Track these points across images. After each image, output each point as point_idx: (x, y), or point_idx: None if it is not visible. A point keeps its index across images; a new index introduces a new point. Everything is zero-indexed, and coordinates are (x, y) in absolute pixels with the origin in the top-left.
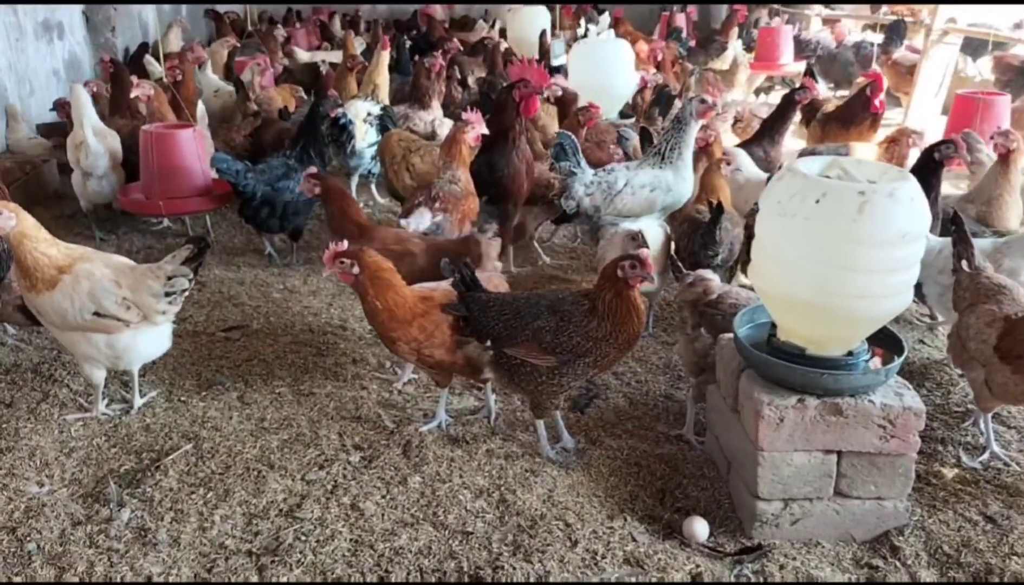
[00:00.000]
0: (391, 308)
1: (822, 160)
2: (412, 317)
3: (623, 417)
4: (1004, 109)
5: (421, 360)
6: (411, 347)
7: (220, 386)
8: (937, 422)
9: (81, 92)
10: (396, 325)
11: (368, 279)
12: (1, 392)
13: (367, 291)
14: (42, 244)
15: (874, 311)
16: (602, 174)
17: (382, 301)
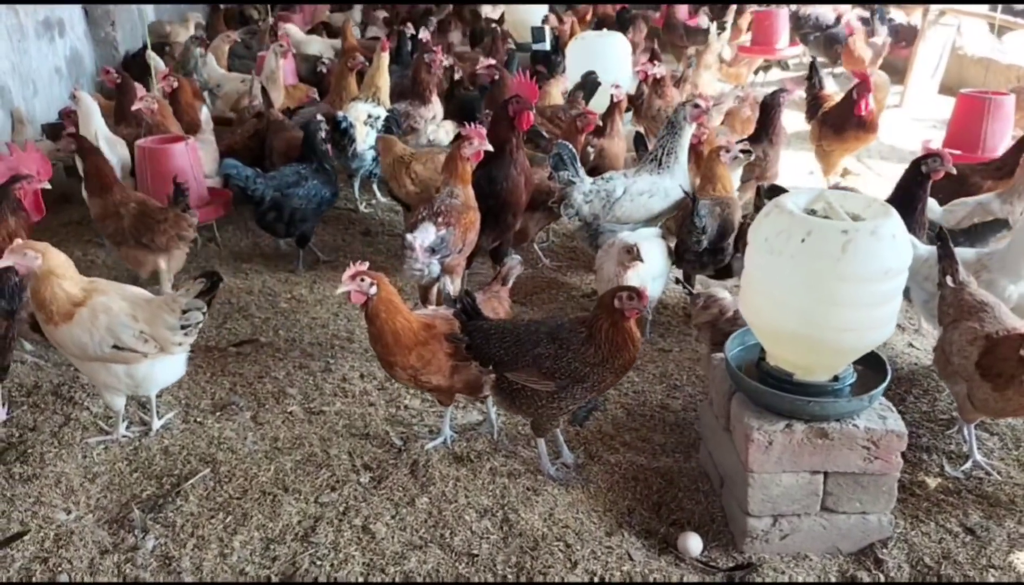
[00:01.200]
0: (397, 332)
1: (808, 193)
2: (414, 345)
3: (621, 429)
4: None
5: (418, 385)
6: (408, 374)
7: (234, 406)
8: (923, 429)
9: (89, 101)
10: (398, 350)
11: (381, 301)
12: (24, 415)
13: (378, 314)
14: (66, 281)
15: (858, 342)
16: (600, 182)
17: (390, 325)
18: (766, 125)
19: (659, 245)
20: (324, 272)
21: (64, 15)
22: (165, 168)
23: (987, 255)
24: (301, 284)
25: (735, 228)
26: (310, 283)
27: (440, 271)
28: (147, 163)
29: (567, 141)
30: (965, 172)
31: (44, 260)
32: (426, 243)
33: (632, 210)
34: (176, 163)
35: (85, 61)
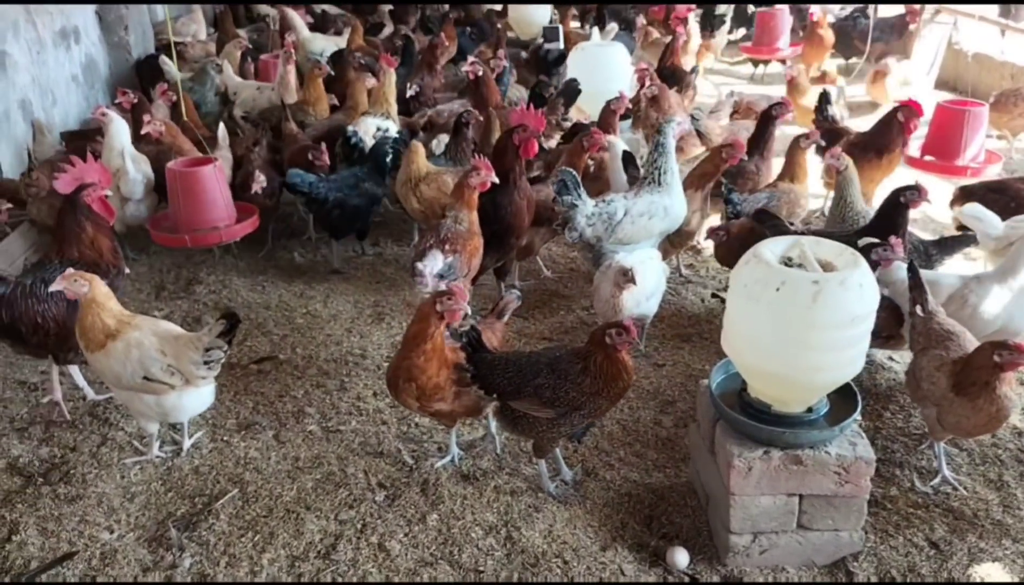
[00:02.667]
0: (438, 346)
1: (785, 241)
2: (439, 368)
3: (616, 444)
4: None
5: (422, 410)
6: (416, 393)
7: (257, 425)
8: (897, 444)
9: (118, 120)
10: (422, 371)
11: (447, 316)
12: (64, 436)
13: (428, 327)
14: (105, 312)
15: (829, 380)
16: (602, 205)
17: (436, 342)
18: (760, 138)
19: (655, 265)
20: (337, 285)
21: (79, 22)
22: (195, 190)
23: (973, 279)
24: (316, 298)
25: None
26: (324, 297)
27: None
28: (178, 185)
29: (572, 159)
30: (1012, 184)
31: (90, 289)
32: (434, 270)
33: (633, 232)
34: (205, 185)
35: (100, 67)
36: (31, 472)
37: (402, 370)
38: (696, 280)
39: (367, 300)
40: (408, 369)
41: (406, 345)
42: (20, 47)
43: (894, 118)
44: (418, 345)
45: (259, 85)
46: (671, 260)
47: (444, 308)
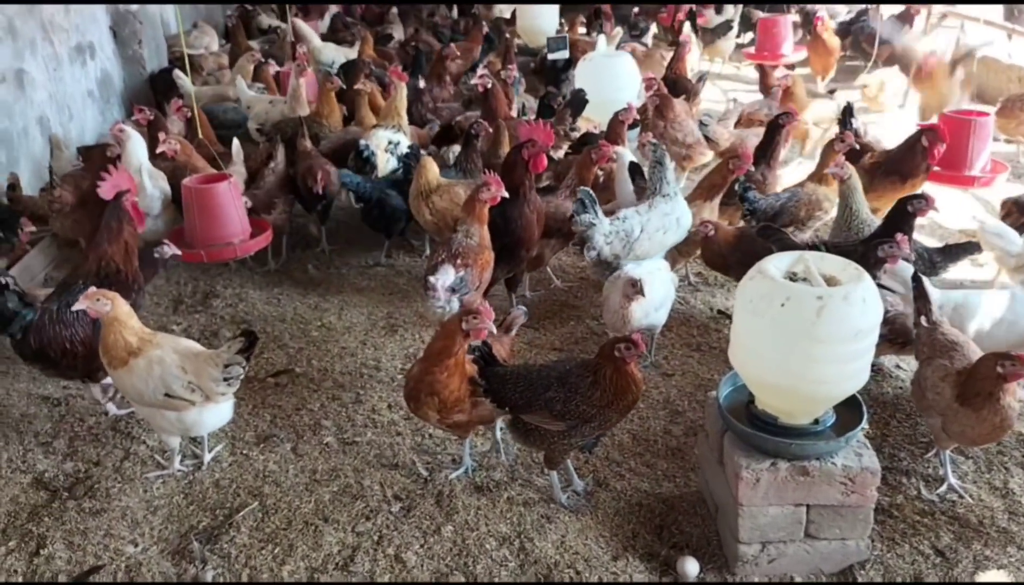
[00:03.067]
0: (461, 361)
1: (789, 256)
2: (461, 382)
3: (627, 454)
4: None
5: (441, 421)
6: (438, 406)
7: (275, 438)
8: (904, 452)
9: (135, 137)
10: (444, 386)
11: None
12: (88, 450)
13: (455, 345)
14: (127, 330)
15: (834, 393)
16: (618, 223)
17: (460, 358)
18: (768, 146)
19: (663, 275)
20: (351, 298)
21: (94, 38)
22: (210, 206)
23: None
24: (330, 311)
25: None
26: (338, 309)
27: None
28: (193, 202)
29: (581, 171)
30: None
31: (113, 308)
32: (446, 284)
33: (650, 247)
34: (220, 201)
35: (115, 81)
36: (56, 486)
37: (424, 385)
38: (705, 288)
39: (380, 312)
40: (431, 384)
41: (429, 360)
42: (37, 64)
43: (918, 143)
44: (442, 361)
45: (272, 98)
46: (680, 268)
47: (470, 326)
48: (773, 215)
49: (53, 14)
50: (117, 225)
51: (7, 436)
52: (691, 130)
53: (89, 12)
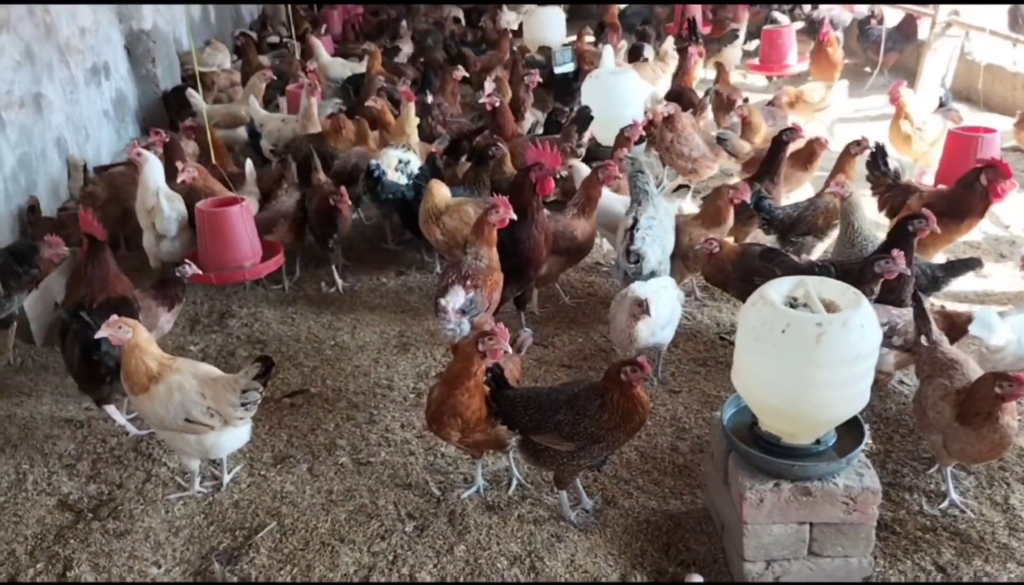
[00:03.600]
0: (480, 382)
1: (790, 281)
2: (480, 401)
3: (634, 472)
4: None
5: (462, 441)
6: (460, 426)
7: (292, 459)
8: (907, 468)
9: (153, 161)
10: (465, 407)
11: (488, 356)
12: (110, 472)
13: (474, 368)
14: (147, 356)
15: (834, 415)
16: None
17: (478, 379)
18: (771, 162)
19: (669, 294)
20: (364, 316)
21: (109, 58)
22: (222, 229)
23: None
24: (343, 329)
25: (814, 228)
26: (351, 328)
27: (470, 329)
28: (206, 225)
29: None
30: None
31: (134, 335)
32: (457, 306)
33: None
34: (232, 224)
35: (129, 100)
36: (81, 508)
37: (447, 407)
38: (711, 304)
39: (392, 330)
40: (454, 406)
41: (450, 383)
42: (55, 87)
43: (976, 181)
44: (463, 383)
45: (284, 117)
46: (686, 284)
47: (486, 347)
48: (791, 224)
49: (69, 37)
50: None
51: (32, 458)
52: (697, 144)
53: (104, 33)
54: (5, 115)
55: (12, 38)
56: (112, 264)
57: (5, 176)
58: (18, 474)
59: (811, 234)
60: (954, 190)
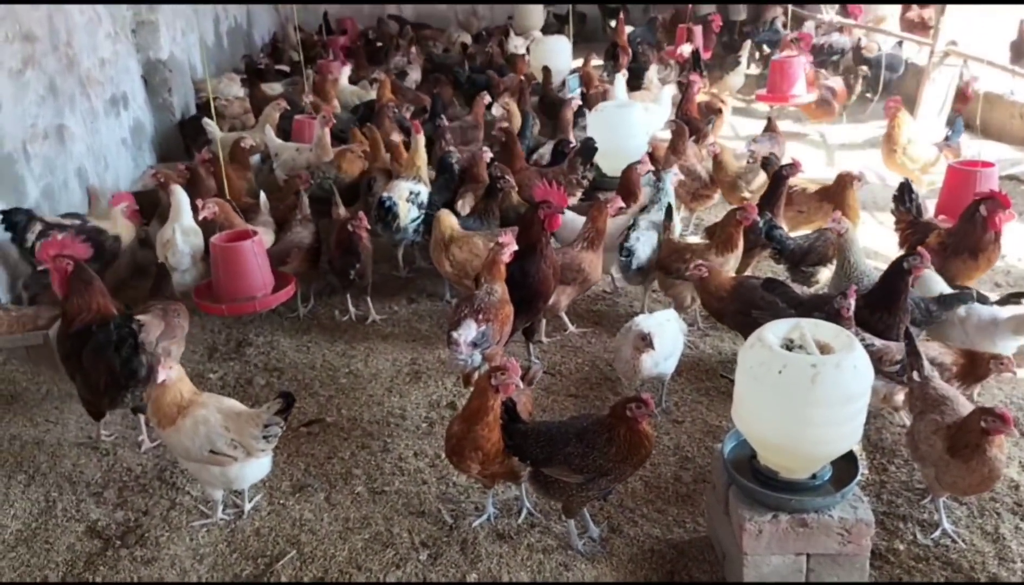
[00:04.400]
0: (498, 415)
1: (787, 324)
2: (496, 432)
3: (639, 501)
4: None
5: (482, 472)
6: (480, 458)
7: (310, 487)
8: (901, 498)
9: (181, 196)
10: (485, 440)
11: (501, 390)
12: (136, 500)
13: (491, 400)
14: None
15: (829, 452)
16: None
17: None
18: (771, 196)
19: (672, 326)
20: (376, 344)
21: (127, 88)
22: (236, 263)
23: None
24: (357, 357)
25: (825, 258)
26: (364, 356)
27: (481, 360)
28: (220, 259)
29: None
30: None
31: (176, 372)
32: (469, 338)
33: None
34: (245, 258)
35: (146, 128)
36: (109, 535)
37: (468, 442)
38: (713, 333)
39: (404, 358)
40: (474, 440)
41: (469, 419)
42: (76, 119)
43: (976, 214)
44: (481, 418)
45: (298, 146)
46: (690, 311)
47: (499, 381)
48: (802, 255)
49: (90, 69)
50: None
51: (61, 486)
52: (700, 173)
53: (123, 64)
54: (30, 148)
55: (37, 73)
56: (98, 283)
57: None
58: (48, 501)
59: (822, 264)
60: (960, 225)
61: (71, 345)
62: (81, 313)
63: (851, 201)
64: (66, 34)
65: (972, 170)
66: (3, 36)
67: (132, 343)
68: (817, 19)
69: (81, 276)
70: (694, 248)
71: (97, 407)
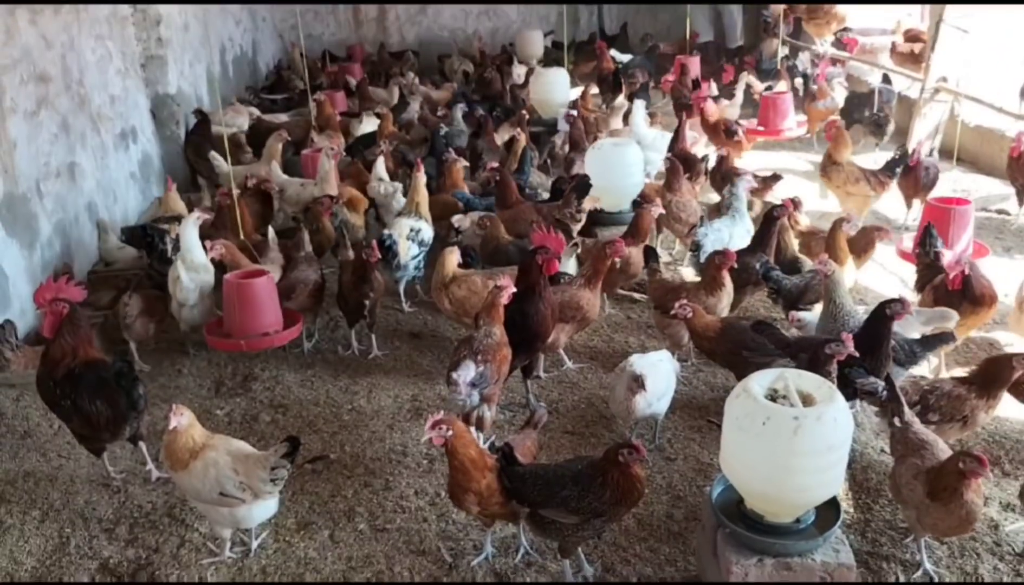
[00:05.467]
0: (473, 459)
1: (771, 374)
2: (484, 470)
3: (632, 539)
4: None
5: (481, 511)
6: (476, 499)
7: (314, 525)
8: (885, 537)
9: (192, 231)
10: (474, 475)
11: (457, 439)
12: (147, 537)
13: (456, 449)
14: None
15: (811, 498)
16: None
17: (467, 455)
18: (763, 236)
19: (665, 367)
20: (379, 380)
21: (136, 122)
22: (250, 300)
23: None
24: (359, 393)
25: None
26: (367, 392)
27: (480, 400)
28: (235, 296)
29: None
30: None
31: (187, 418)
32: (468, 379)
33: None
34: (260, 294)
35: (154, 161)
36: (121, 572)
37: (459, 487)
38: (707, 368)
39: (406, 394)
40: (465, 484)
41: (459, 474)
42: (87, 155)
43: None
44: (462, 472)
45: (303, 182)
46: (685, 348)
47: (443, 435)
48: (799, 294)
49: (100, 106)
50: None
51: (74, 523)
52: (694, 210)
53: (132, 99)
54: (43, 186)
55: (51, 113)
56: (85, 328)
57: (42, 243)
58: (61, 538)
59: (818, 303)
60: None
61: (60, 390)
62: (65, 358)
63: (840, 242)
64: (78, 72)
65: (947, 207)
66: (19, 78)
67: (131, 374)
68: (811, 50)
69: (73, 320)
70: (687, 287)
71: (97, 443)
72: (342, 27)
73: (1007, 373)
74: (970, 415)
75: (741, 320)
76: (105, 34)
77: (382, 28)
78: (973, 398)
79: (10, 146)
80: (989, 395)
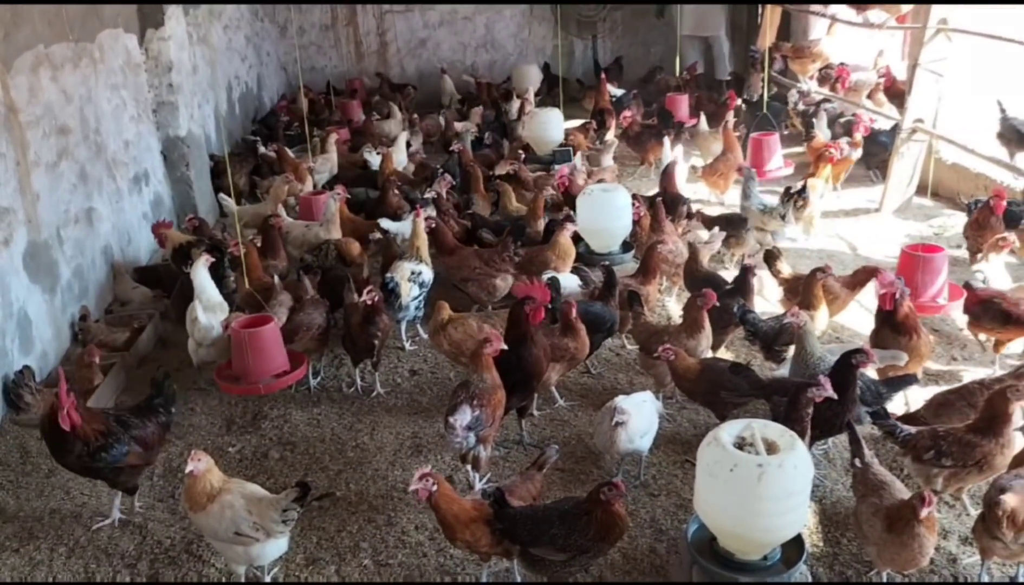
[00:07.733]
0: (456, 515)
1: (739, 424)
2: (468, 523)
3: (617, 573)
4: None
5: (474, 550)
6: (464, 544)
7: (321, 560)
8: (852, 570)
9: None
10: (457, 528)
11: (441, 496)
12: (167, 573)
13: (440, 504)
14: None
15: (776, 538)
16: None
17: (450, 511)
18: (742, 284)
19: (648, 407)
20: (381, 417)
21: (148, 165)
22: (259, 347)
23: None
24: (363, 431)
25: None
26: (370, 430)
27: (476, 441)
28: (246, 344)
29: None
30: None
31: (205, 463)
32: (464, 423)
33: None
34: (267, 341)
35: (165, 202)
36: None
37: (448, 531)
38: (690, 406)
39: (407, 431)
40: (452, 529)
41: (444, 527)
42: (103, 200)
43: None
44: (448, 527)
45: (307, 224)
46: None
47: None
48: (775, 336)
49: (115, 152)
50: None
51: (98, 559)
52: (681, 251)
53: (145, 143)
54: (63, 233)
55: (70, 163)
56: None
57: (62, 288)
58: (87, 573)
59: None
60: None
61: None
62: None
63: (816, 291)
64: (95, 122)
65: (917, 255)
66: (42, 133)
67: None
68: (796, 88)
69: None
70: (670, 330)
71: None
72: (344, 60)
73: (1004, 406)
74: (984, 460)
75: (720, 362)
76: (120, 83)
77: (383, 61)
78: (982, 441)
79: (34, 198)
80: (996, 434)
